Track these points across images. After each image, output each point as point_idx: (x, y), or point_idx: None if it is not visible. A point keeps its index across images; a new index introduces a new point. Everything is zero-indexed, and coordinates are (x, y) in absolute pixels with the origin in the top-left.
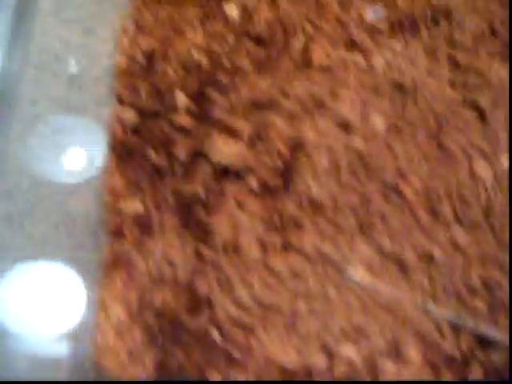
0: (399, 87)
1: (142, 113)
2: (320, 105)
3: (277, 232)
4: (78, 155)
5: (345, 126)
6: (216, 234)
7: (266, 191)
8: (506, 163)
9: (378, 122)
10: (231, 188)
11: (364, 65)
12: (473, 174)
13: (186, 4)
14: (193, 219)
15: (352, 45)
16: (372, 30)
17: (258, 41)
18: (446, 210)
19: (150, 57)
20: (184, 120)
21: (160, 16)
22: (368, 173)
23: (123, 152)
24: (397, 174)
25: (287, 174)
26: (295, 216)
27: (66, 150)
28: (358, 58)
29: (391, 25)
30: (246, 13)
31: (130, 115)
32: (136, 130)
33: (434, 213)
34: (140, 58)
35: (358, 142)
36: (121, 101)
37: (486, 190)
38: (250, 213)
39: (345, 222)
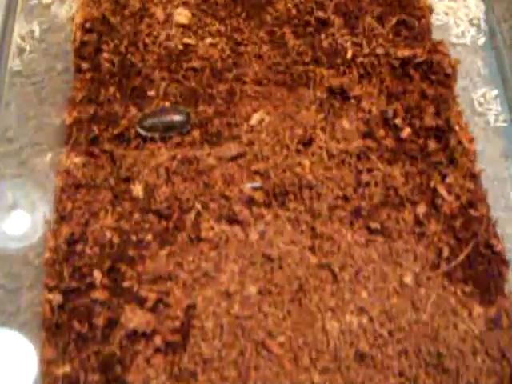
0: (268, 256)
1: (65, 292)
2: (207, 276)
3: (176, 381)
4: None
5: (225, 294)
6: None
7: (168, 348)
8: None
9: (251, 288)
10: (140, 347)
11: (242, 237)
12: (324, 328)
13: (100, 188)
14: (112, 375)
15: (233, 219)
16: (250, 202)
17: (159, 215)
18: (305, 357)
19: (70, 241)
20: (100, 294)
21: (77, 201)
22: (243, 332)
23: (52, 326)
24: (265, 332)
25: (183, 333)
26: (190, 368)
27: None
28: (238, 232)
29: (266, 195)
30: (149, 191)
31: (56, 297)
32: (62, 307)
33: (296, 360)
34: (62, 245)
35: (235, 308)
36: (48, 287)
37: (334, 340)
38: (155, 366)
39: (227, 372)
